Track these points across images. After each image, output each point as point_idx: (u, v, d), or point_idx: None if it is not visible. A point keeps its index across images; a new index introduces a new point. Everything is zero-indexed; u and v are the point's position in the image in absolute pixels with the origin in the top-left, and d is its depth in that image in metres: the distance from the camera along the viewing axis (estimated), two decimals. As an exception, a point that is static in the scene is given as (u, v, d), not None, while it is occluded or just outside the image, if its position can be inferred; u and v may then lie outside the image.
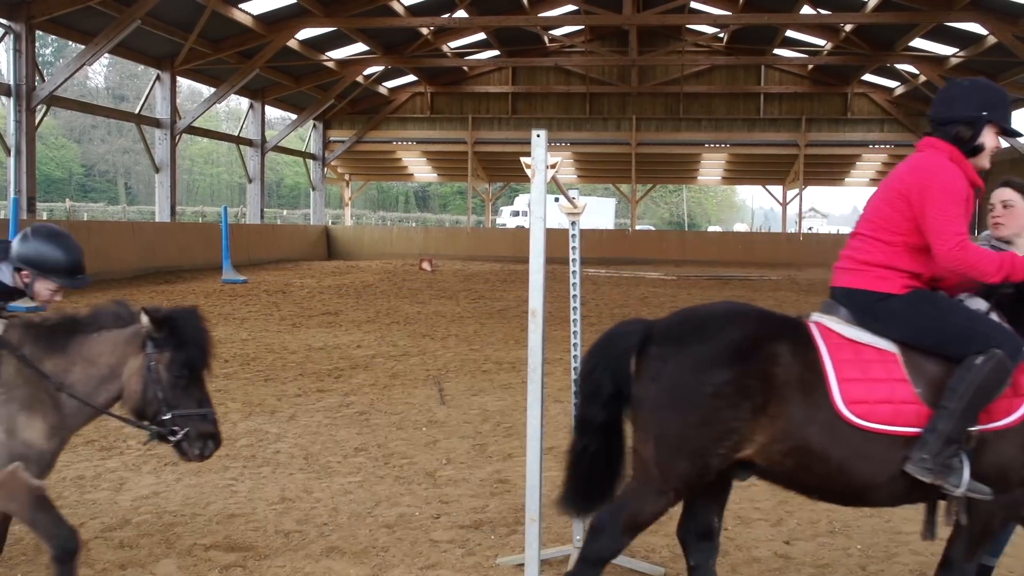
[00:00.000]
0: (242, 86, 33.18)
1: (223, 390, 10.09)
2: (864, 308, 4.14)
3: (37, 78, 24.15)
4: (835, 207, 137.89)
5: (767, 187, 47.55)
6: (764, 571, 5.31)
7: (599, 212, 62.09)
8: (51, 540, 4.17)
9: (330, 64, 35.93)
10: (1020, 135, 4.58)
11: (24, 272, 4.54)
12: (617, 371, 4.10)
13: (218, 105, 43.66)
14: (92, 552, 5.33)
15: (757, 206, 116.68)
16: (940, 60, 33.45)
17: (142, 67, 33.43)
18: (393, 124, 44.24)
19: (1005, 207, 4.69)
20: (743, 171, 46.43)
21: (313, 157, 44.23)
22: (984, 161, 4.34)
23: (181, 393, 4.31)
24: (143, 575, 5.03)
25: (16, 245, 4.55)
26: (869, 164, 43.89)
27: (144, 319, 4.26)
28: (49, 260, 4.52)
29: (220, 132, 47.31)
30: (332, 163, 45.08)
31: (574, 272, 5.43)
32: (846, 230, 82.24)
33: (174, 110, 30.66)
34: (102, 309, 4.45)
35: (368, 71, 38.88)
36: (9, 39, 23.46)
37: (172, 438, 4.31)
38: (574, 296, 5.46)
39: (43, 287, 4.58)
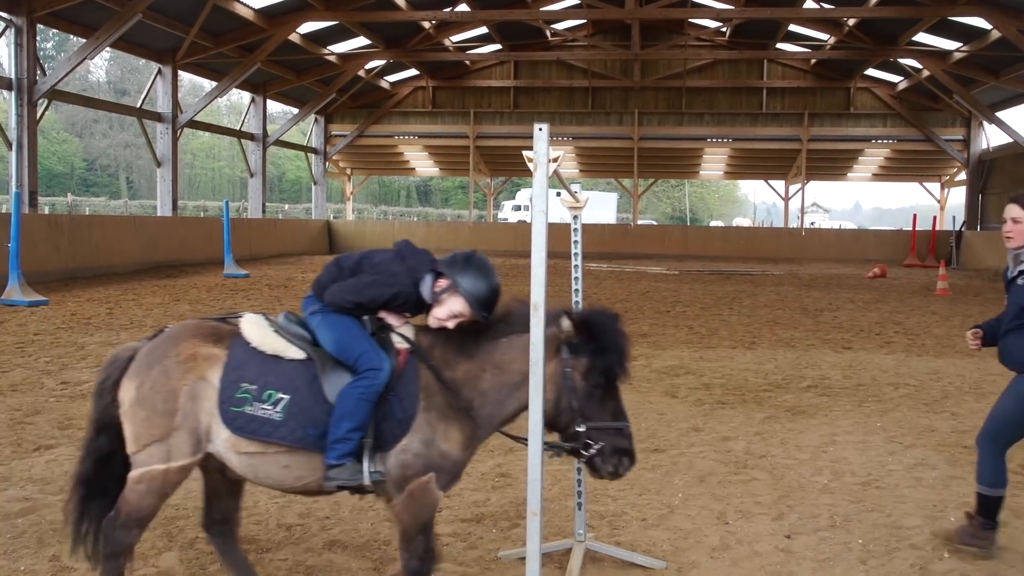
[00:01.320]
0: (243, 80, 33.17)
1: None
2: None
3: (38, 72, 24.13)
4: (837, 202, 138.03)
5: (769, 182, 47.51)
6: (765, 565, 5.32)
7: (601, 206, 62.16)
8: (412, 559, 4.13)
9: (332, 58, 35.90)
10: None
11: (448, 291, 4.19)
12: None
13: (219, 99, 43.69)
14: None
15: (759, 201, 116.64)
16: (943, 55, 33.37)
17: (143, 61, 33.33)
18: (395, 118, 44.22)
19: (1015, 223, 5.37)
20: (745, 166, 46.37)
21: (315, 151, 44.22)
22: None
23: (596, 404, 4.07)
24: (145, 568, 5.04)
25: (455, 270, 4.18)
26: (872, 159, 43.82)
27: (564, 323, 4.01)
28: (482, 293, 4.14)
29: (222, 126, 47.25)
30: (334, 157, 45.07)
31: (576, 266, 5.43)
32: (848, 225, 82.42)
33: (175, 104, 30.65)
34: (513, 311, 4.20)
35: (370, 65, 38.85)
36: (10, 33, 23.44)
37: (585, 452, 4.08)
38: (576, 291, 5.45)
39: (449, 311, 4.21)
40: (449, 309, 4.18)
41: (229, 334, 4.23)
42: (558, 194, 5.47)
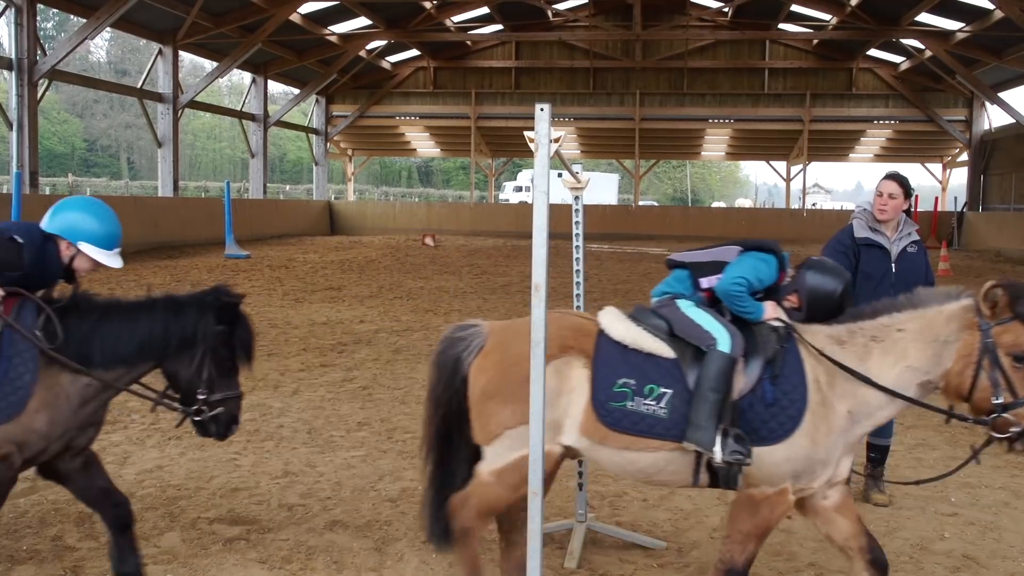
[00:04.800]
0: (244, 60, 33.04)
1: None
2: None
3: (39, 52, 24.06)
4: (839, 183, 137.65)
5: (771, 163, 47.35)
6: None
7: (602, 187, 61.95)
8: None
9: (333, 38, 35.75)
10: None
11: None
12: None
13: (220, 80, 43.58)
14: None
15: (761, 182, 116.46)
16: (946, 35, 33.21)
17: (144, 41, 33.30)
18: (396, 99, 44.06)
19: (892, 198, 5.95)
20: (747, 146, 46.23)
21: (316, 132, 44.11)
22: None
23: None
24: (147, 548, 5.06)
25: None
26: (874, 140, 43.67)
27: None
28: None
29: (222, 107, 47.14)
30: (335, 138, 44.94)
31: (577, 247, 5.42)
32: (849, 206, 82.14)
33: (176, 84, 30.55)
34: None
35: (371, 45, 38.69)
36: (10, 13, 23.35)
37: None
38: (577, 271, 5.45)
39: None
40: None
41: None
42: (559, 175, 5.45)
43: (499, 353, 4.17)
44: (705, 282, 4.30)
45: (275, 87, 41.51)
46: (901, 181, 6.03)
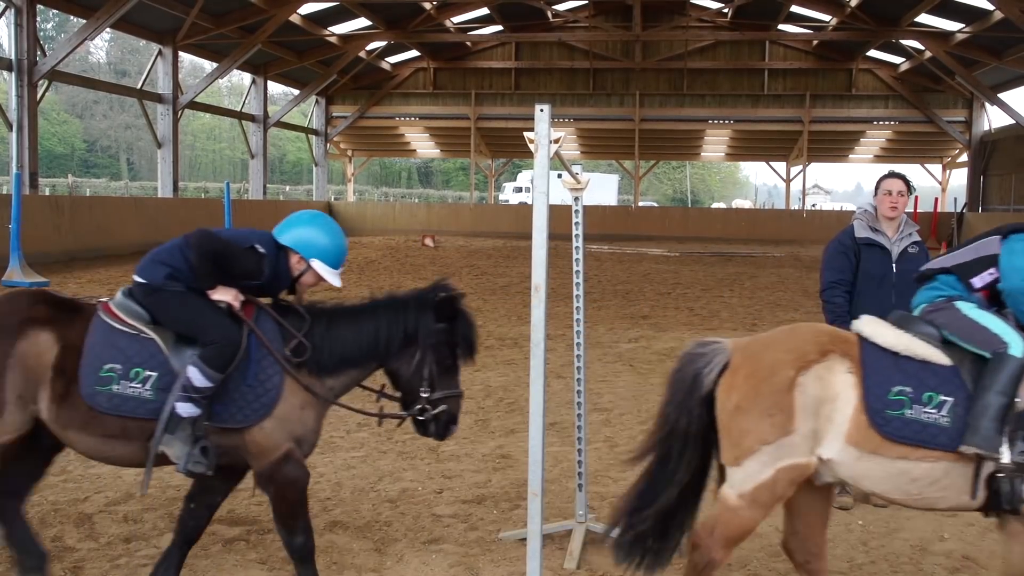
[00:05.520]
0: (244, 61, 33.04)
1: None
2: None
3: (38, 53, 24.05)
4: (839, 184, 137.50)
5: (771, 163, 47.36)
6: (765, 546, 5.34)
7: (602, 188, 61.93)
8: None
9: (332, 39, 35.75)
10: None
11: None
12: None
13: (220, 80, 43.58)
14: (96, 526, 5.36)
15: (761, 182, 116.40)
16: (946, 35, 33.21)
17: (144, 42, 33.28)
18: (396, 100, 44.07)
19: (901, 195, 5.95)
20: (747, 147, 46.25)
21: (315, 133, 44.11)
22: None
23: None
24: (147, 549, 5.06)
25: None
26: (873, 141, 43.68)
27: None
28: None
29: (222, 107, 47.13)
30: (334, 139, 44.94)
31: (577, 248, 5.42)
32: (849, 207, 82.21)
33: (176, 85, 30.54)
34: None
35: (371, 46, 38.70)
36: (10, 13, 23.34)
37: None
38: (577, 272, 5.46)
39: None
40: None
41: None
42: (559, 176, 5.46)
43: (749, 366, 3.98)
44: (978, 281, 4.10)
45: (275, 88, 41.53)
46: (905, 179, 6.07)
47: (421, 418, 4.40)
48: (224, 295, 4.22)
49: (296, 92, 40.58)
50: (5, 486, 4.35)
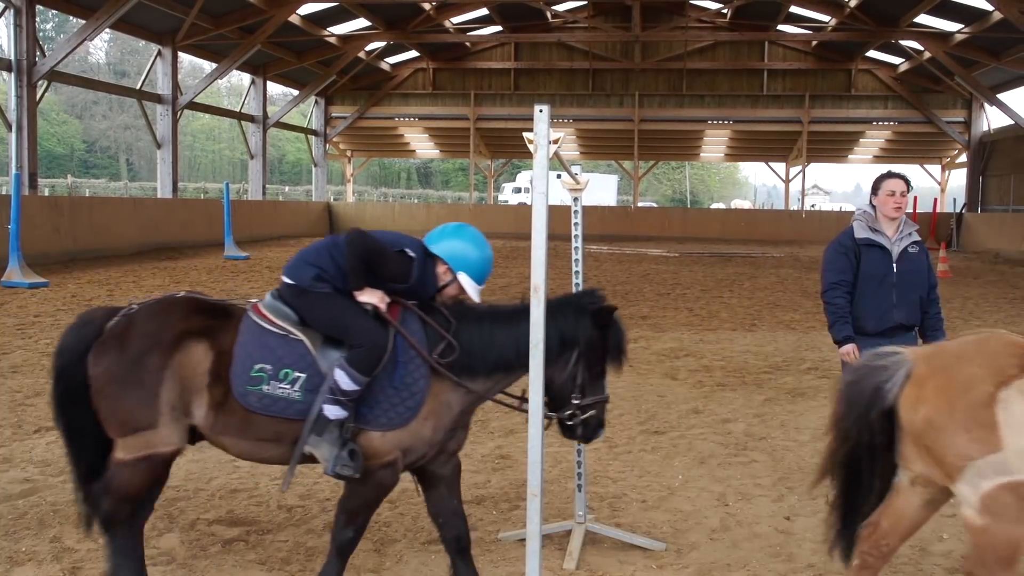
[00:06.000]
0: (244, 62, 33.03)
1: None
2: None
3: (38, 53, 24.05)
4: (838, 184, 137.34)
5: (770, 164, 47.40)
6: (765, 547, 5.33)
7: (602, 189, 61.95)
8: None
9: (332, 40, 35.74)
10: None
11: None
12: None
13: (219, 81, 43.58)
14: (96, 527, 5.35)
15: (760, 183, 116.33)
16: (945, 36, 33.22)
17: (143, 42, 33.27)
18: (395, 100, 44.08)
19: (903, 195, 5.92)
20: (746, 148, 46.27)
21: (315, 133, 44.11)
22: None
23: None
24: (147, 549, 5.05)
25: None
26: (872, 141, 43.70)
27: None
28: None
29: (222, 108, 47.13)
30: (334, 139, 44.95)
31: (576, 248, 5.42)
32: (849, 207, 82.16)
33: (175, 86, 30.54)
34: None
35: (370, 47, 38.70)
36: (9, 14, 23.34)
37: None
38: (576, 272, 5.45)
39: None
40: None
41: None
42: (558, 176, 5.46)
43: (940, 379, 3.77)
44: None
45: (274, 88, 41.52)
46: (906, 179, 6.09)
47: (570, 423, 4.42)
48: (371, 297, 4.24)
49: (295, 92, 40.59)
50: (149, 504, 4.44)
